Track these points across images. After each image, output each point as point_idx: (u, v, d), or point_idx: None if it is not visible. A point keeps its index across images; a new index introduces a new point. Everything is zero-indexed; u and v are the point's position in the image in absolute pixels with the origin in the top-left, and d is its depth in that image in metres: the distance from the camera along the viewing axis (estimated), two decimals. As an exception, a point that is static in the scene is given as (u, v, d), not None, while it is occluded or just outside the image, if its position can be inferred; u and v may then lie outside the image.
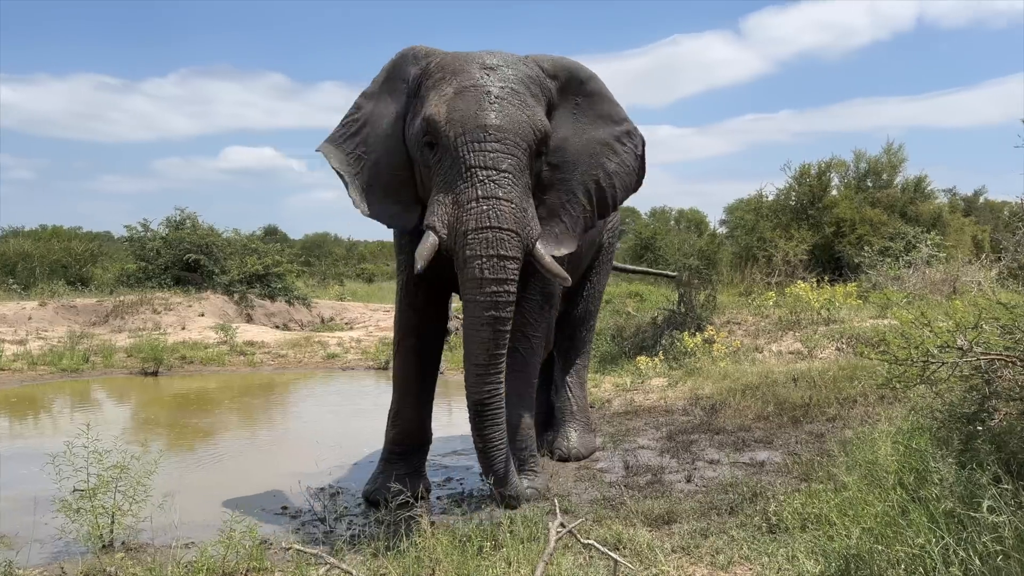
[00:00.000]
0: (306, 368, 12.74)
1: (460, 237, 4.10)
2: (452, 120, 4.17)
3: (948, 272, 13.08)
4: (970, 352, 3.90)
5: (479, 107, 4.18)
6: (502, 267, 4.07)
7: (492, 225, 4.05)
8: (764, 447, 6.25)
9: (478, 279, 4.07)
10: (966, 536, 3.24)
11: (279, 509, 5.20)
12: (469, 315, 4.14)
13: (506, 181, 4.12)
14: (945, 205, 22.06)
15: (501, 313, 4.11)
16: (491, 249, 4.04)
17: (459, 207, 4.11)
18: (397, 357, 5.36)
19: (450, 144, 4.15)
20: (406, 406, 5.29)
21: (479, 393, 4.22)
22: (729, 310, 12.20)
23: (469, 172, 4.10)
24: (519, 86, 4.39)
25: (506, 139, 4.15)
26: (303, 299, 19.23)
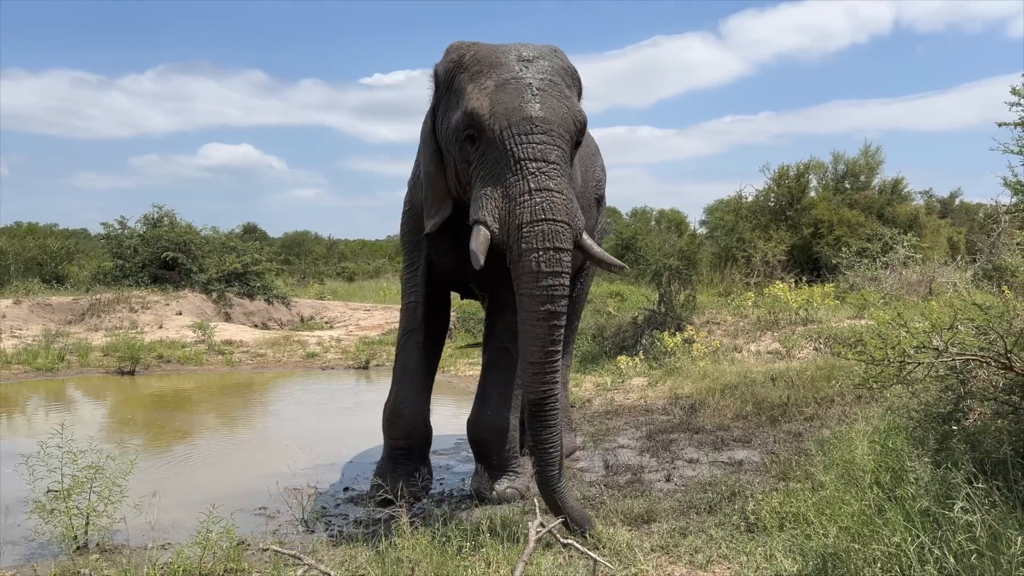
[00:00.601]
0: (285, 368, 12.66)
1: (514, 231, 4.00)
2: (496, 113, 4.12)
3: (924, 273, 13.23)
4: (946, 353, 3.94)
5: (522, 99, 4.14)
6: (558, 260, 3.98)
7: (547, 217, 3.97)
8: (743, 446, 6.29)
9: (535, 272, 3.95)
10: (941, 535, 3.28)
11: (257, 510, 5.16)
12: (525, 310, 3.99)
13: (555, 172, 4.06)
14: (921, 207, 22.31)
15: (557, 307, 3.98)
16: (547, 241, 3.95)
17: (510, 200, 4.03)
18: (403, 351, 5.34)
19: (495, 137, 4.10)
20: (410, 400, 5.24)
21: (535, 393, 4.01)
22: (709, 310, 12.27)
23: (519, 165, 4.03)
24: (557, 77, 4.37)
25: (552, 131, 4.11)
26: (282, 298, 19.12)
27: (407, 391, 5.26)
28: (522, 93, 4.16)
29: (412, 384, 5.26)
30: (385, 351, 13.48)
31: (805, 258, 18.60)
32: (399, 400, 5.27)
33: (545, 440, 4.04)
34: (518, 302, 4.04)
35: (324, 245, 40.77)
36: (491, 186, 4.10)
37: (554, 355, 4.00)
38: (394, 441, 5.26)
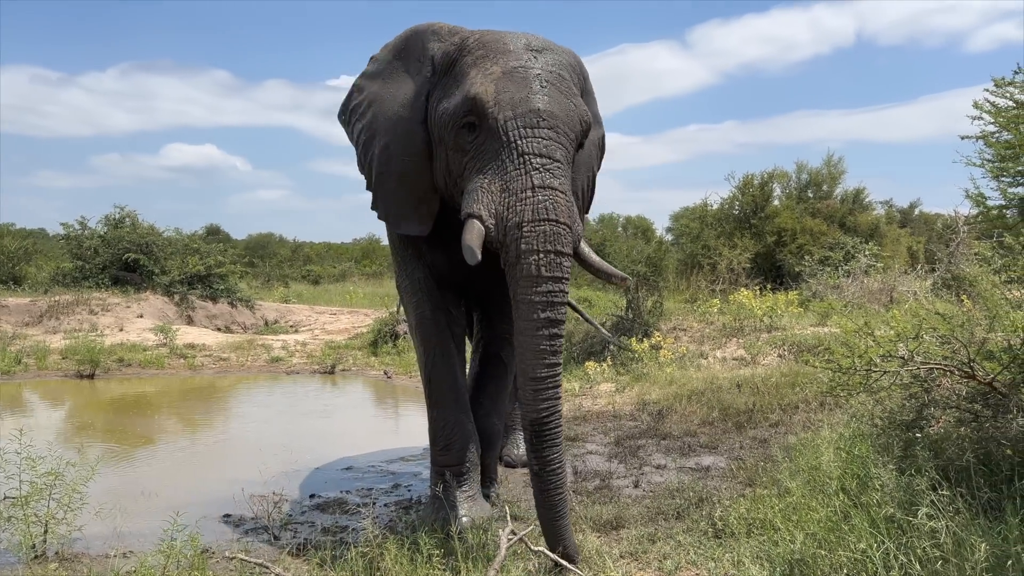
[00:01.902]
0: (249, 372, 12.49)
1: (513, 229, 3.67)
2: (501, 102, 3.81)
3: (885, 282, 13.48)
4: (911, 361, 4.01)
5: (530, 90, 3.85)
6: (559, 264, 3.66)
7: (550, 218, 3.65)
8: (709, 452, 6.34)
9: (534, 276, 3.63)
10: (906, 541, 3.33)
11: (222, 517, 5.08)
12: (523, 318, 3.66)
13: (559, 171, 3.77)
14: (882, 216, 22.69)
15: (558, 315, 3.68)
16: (548, 244, 3.64)
17: (510, 195, 3.71)
18: (434, 373, 4.79)
19: (498, 127, 3.79)
20: (460, 422, 4.74)
21: (537, 411, 3.65)
22: (675, 316, 12.37)
23: (522, 159, 3.73)
24: (565, 72, 4.10)
25: (558, 127, 3.83)
26: (246, 301, 18.86)
27: (453, 413, 4.75)
28: (530, 84, 3.87)
29: (455, 408, 4.76)
30: (352, 356, 13.38)
31: (769, 266, 18.85)
32: (448, 428, 4.73)
33: (551, 460, 3.68)
34: (515, 309, 3.72)
35: (289, 248, 40.32)
36: (487, 179, 3.79)
37: (556, 367, 3.69)
38: (453, 468, 4.70)
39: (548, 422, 3.66)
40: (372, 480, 6.13)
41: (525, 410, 3.70)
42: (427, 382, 4.85)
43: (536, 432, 3.67)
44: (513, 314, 3.74)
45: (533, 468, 3.72)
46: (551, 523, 3.73)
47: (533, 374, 3.65)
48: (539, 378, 3.64)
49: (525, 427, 3.70)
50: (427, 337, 4.82)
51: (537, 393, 3.64)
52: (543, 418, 3.65)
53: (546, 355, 3.65)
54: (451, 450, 4.71)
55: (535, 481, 3.73)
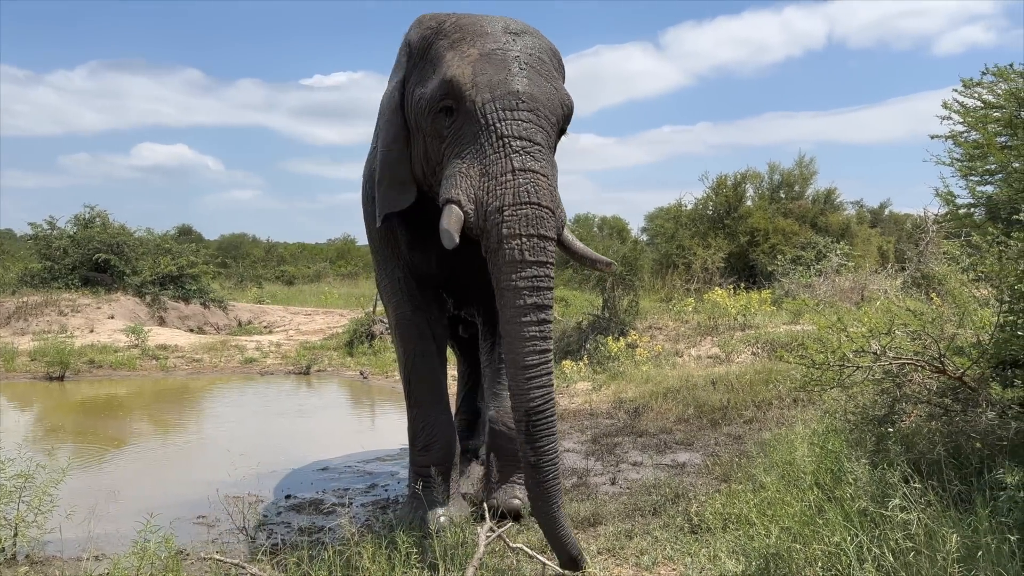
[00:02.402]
0: (222, 373, 12.37)
1: (493, 214, 3.55)
2: (479, 84, 3.70)
3: (856, 280, 13.65)
4: (883, 357, 4.07)
5: (509, 72, 3.73)
6: (543, 248, 3.54)
7: (531, 200, 3.53)
8: (685, 449, 6.38)
9: (517, 262, 3.49)
10: (879, 533, 3.38)
11: (196, 518, 5.03)
12: (508, 305, 3.53)
13: (541, 154, 3.65)
14: (853, 217, 23.00)
15: (544, 300, 3.53)
16: (531, 228, 3.51)
17: (490, 179, 3.59)
18: (415, 377, 4.74)
19: (476, 110, 3.67)
20: (440, 424, 4.70)
21: (530, 400, 3.51)
22: (651, 315, 12.45)
23: (501, 142, 3.61)
24: (544, 56, 3.98)
25: (539, 110, 3.71)
26: (219, 301, 18.67)
27: (433, 413, 4.72)
28: (509, 66, 3.76)
29: (436, 408, 4.73)
30: (327, 356, 13.30)
31: (742, 265, 19.01)
32: (429, 427, 4.70)
33: (547, 451, 3.53)
34: (499, 297, 3.58)
35: (262, 248, 39.99)
36: (466, 163, 3.68)
37: (546, 354, 3.55)
38: (434, 467, 4.64)
39: (542, 410, 3.52)
40: (348, 480, 6.10)
41: (517, 400, 3.55)
42: (407, 382, 4.79)
43: (530, 422, 3.53)
44: (497, 302, 3.61)
45: (528, 459, 3.56)
46: (550, 518, 3.57)
47: (523, 362, 3.51)
48: (529, 366, 3.51)
49: (518, 418, 3.56)
50: (407, 337, 4.74)
51: (529, 381, 3.51)
52: (537, 407, 3.52)
53: (535, 341, 3.52)
54: (431, 450, 4.67)
55: (531, 473, 3.57)
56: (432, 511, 4.41)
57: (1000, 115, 4.62)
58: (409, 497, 4.75)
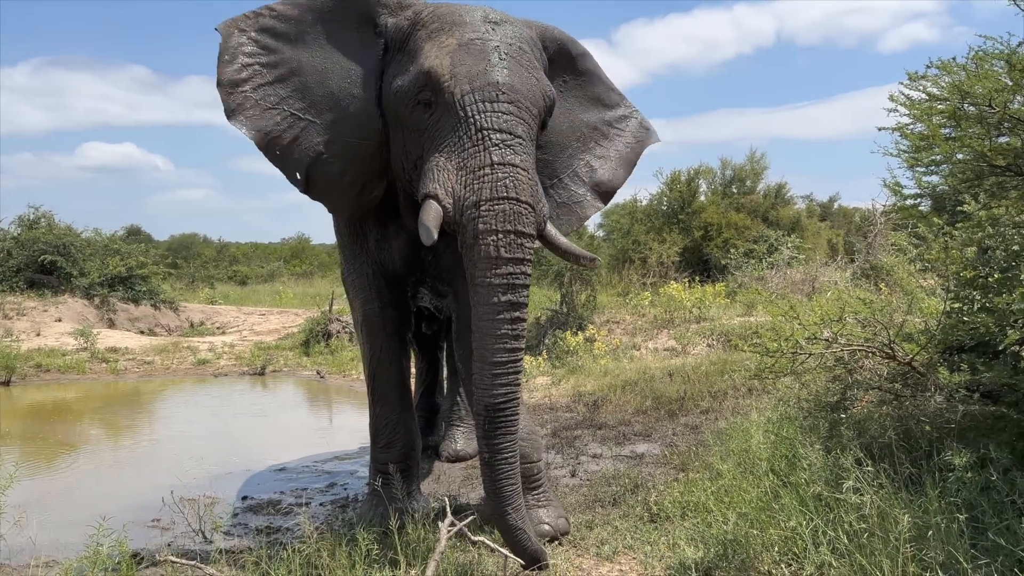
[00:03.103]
0: (175, 375, 12.13)
1: (470, 208, 3.46)
2: (457, 75, 3.59)
3: (807, 273, 13.93)
4: (835, 343, 4.16)
5: (488, 63, 3.63)
6: (519, 245, 3.46)
7: (509, 196, 3.44)
8: (644, 440, 6.45)
9: (492, 258, 3.43)
10: (833, 516, 3.45)
11: (150, 522, 4.93)
12: (481, 302, 3.47)
13: (521, 148, 3.55)
14: (803, 210, 23.42)
15: (519, 298, 3.47)
16: (508, 224, 3.43)
17: (468, 173, 3.50)
18: (378, 374, 4.68)
19: (455, 102, 3.57)
20: (404, 421, 4.66)
21: (493, 396, 3.46)
22: (608, 310, 12.54)
23: (480, 134, 3.51)
24: (526, 46, 3.87)
25: (519, 101, 3.61)
26: (170, 303, 18.29)
27: (397, 411, 4.67)
28: (488, 56, 3.65)
29: (399, 406, 4.68)
30: (282, 356, 13.12)
31: (697, 259, 19.26)
32: (392, 425, 4.66)
33: (503, 448, 3.51)
34: (473, 293, 3.52)
35: (214, 248, 39.31)
36: (444, 157, 3.58)
37: (516, 353, 3.51)
38: (394, 464, 4.60)
39: (503, 408, 3.49)
40: (307, 480, 6.03)
41: (480, 394, 3.50)
42: (371, 379, 4.72)
43: (490, 418, 3.49)
44: (471, 298, 3.55)
45: (484, 456, 3.54)
46: (504, 516, 3.55)
47: (492, 359, 3.46)
48: (498, 363, 3.46)
49: (478, 412, 3.51)
50: (374, 334, 4.64)
51: (495, 378, 3.47)
52: (498, 403, 3.48)
53: (507, 339, 3.47)
54: (393, 448, 4.63)
55: (485, 471, 3.55)
56: (392, 507, 4.38)
57: (944, 107, 4.73)
58: (369, 494, 4.71)
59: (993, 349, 3.73)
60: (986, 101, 4.39)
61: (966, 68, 4.75)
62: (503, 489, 3.53)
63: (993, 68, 4.57)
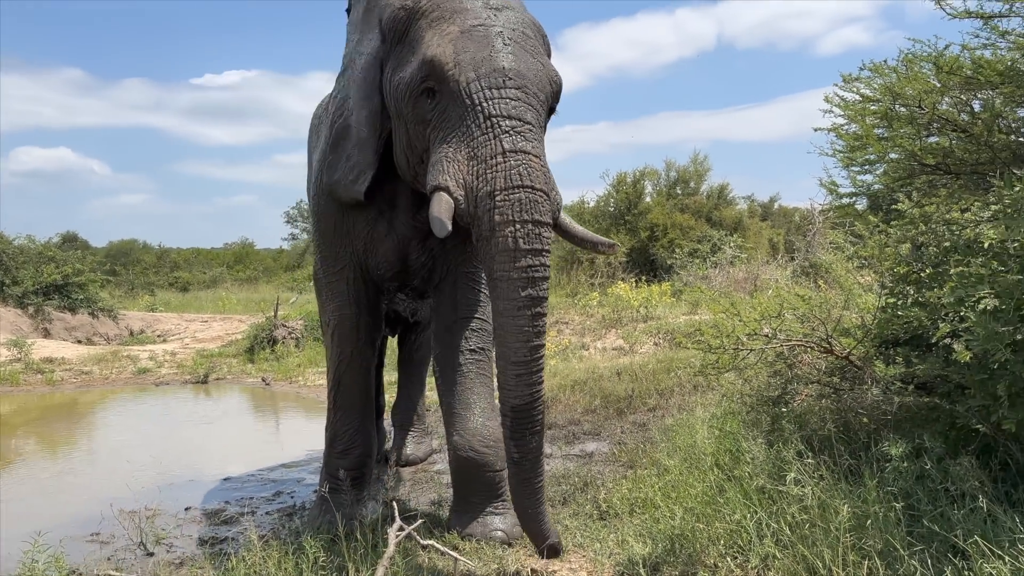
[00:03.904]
0: (114, 385, 11.80)
1: (485, 199, 3.30)
2: (461, 62, 3.45)
3: (749, 271, 14.23)
4: (775, 339, 4.25)
5: (493, 49, 3.47)
6: (537, 235, 3.29)
7: (524, 184, 3.28)
8: (593, 439, 6.49)
9: (511, 250, 3.25)
10: (776, 509, 3.52)
11: (89, 536, 4.78)
12: (501, 298, 3.31)
13: (532, 134, 3.40)
14: (745, 211, 23.92)
15: (539, 291, 3.31)
16: (525, 213, 3.26)
17: (479, 163, 3.35)
18: (344, 381, 4.54)
19: (460, 90, 3.42)
20: (363, 431, 4.58)
21: (520, 397, 3.33)
22: (557, 310, 12.61)
23: (489, 122, 3.36)
24: (529, 31, 3.71)
25: (527, 87, 3.46)
26: (109, 311, 17.81)
27: (358, 419, 4.56)
28: (492, 42, 3.51)
29: (362, 414, 4.57)
30: (226, 364, 12.88)
31: (643, 259, 19.51)
32: (351, 433, 4.55)
33: (533, 450, 3.41)
34: (492, 289, 3.39)
35: (154, 254, 38.44)
36: (451, 147, 3.44)
37: (539, 350, 3.36)
38: (347, 471, 4.52)
39: (531, 409, 3.36)
40: (252, 489, 5.92)
41: (504, 395, 3.37)
42: (335, 383, 4.57)
43: (519, 419, 3.36)
44: (490, 294, 3.43)
45: (512, 456, 3.42)
46: (530, 513, 3.52)
47: (515, 358, 3.31)
48: (520, 362, 3.31)
49: (504, 413, 3.40)
50: (346, 338, 4.48)
51: (520, 378, 3.32)
52: (525, 404, 3.34)
53: (529, 337, 3.30)
54: (348, 456, 4.55)
55: (513, 470, 3.45)
56: (340, 513, 4.33)
57: (877, 108, 4.88)
58: (317, 501, 4.64)
59: (926, 342, 3.86)
60: (916, 102, 4.54)
61: (897, 70, 4.91)
62: (531, 487, 3.46)
63: (922, 70, 4.73)
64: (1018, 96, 4.28)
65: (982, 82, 4.24)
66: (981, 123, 4.27)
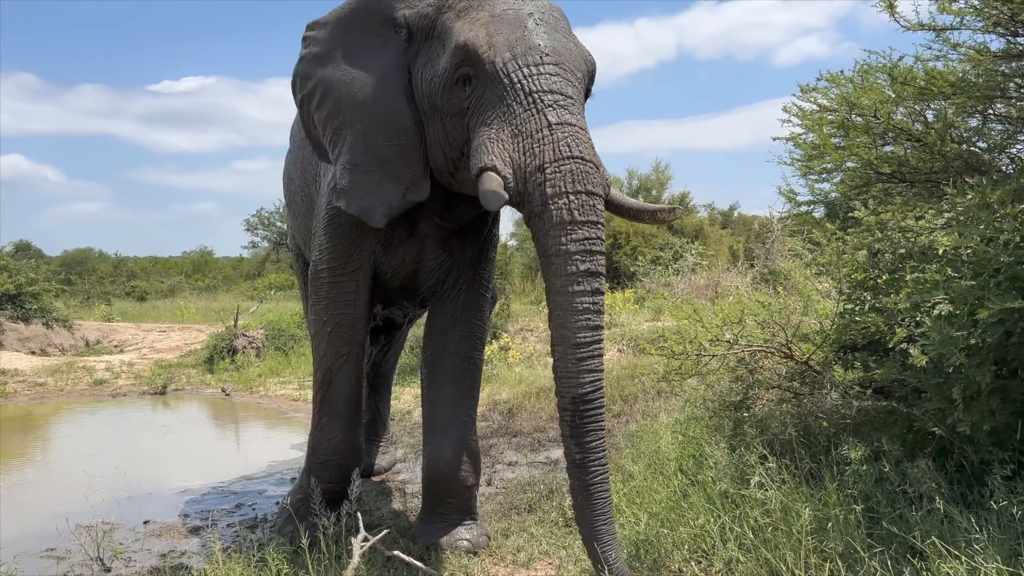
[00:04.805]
0: (69, 397, 11.52)
1: (535, 173, 3.16)
2: (496, 44, 3.35)
3: (710, 278, 14.39)
4: (736, 345, 4.30)
5: (525, 29, 3.40)
6: (592, 207, 3.14)
7: (574, 155, 3.16)
8: (558, 446, 6.49)
9: (566, 223, 3.10)
10: (739, 513, 3.57)
11: (44, 552, 4.66)
12: (558, 274, 3.13)
13: (575, 108, 3.30)
14: (706, 219, 24.26)
15: (597, 266, 3.15)
16: (577, 184, 3.12)
17: (525, 138, 3.22)
18: (335, 386, 4.30)
19: (497, 71, 3.32)
20: (349, 441, 4.37)
21: (579, 386, 3.10)
22: (522, 318, 12.64)
23: (531, 98, 3.25)
24: (558, 14, 3.66)
25: (564, 63, 3.37)
26: (64, 321, 17.40)
27: (343, 428, 4.33)
28: (524, 23, 3.43)
29: (349, 423, 4.35)
30: (185, 374, 12.66)
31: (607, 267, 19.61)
32: (336, 442, 4.33)
33: (596, 447, 3.15)
34: (547, 266, 3.20)
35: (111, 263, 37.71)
36: (494, 128, 3.31)
37: (599, 331, 3.15)
38: (328, 484, 4.26)
39: (593, 399, 3.13)
40: (212, 501, 5.82)
41: (565, 385, 3.14)
42: (324, 387, 4.32)
43: (578, 412, 3.12)
44: (544, 273, 3.24)
45: (574, 458, 3.16)
46: (595, 530, 3.19)
47: (574, 339, 3.10)
48: (582, 343, 3.10)
49: (564, 407, 3.17)
50: (341, 340, 4.23)
51: (580, 363, 3.11)
52: (587, 393, 3.11)
53: (589, 315, 3.12)
54: (329, 467, 4.33)
55: (576, 474, 3.18)
56: (303, 524, 4.26)
57: (833, 118, 4.99)
58: (280, 511, 4.57)
59: (883, 347, 3.94)
60: (872, 112, 4.64)
61: (853, 81, 5.02)
62: (595, 496, 3.18)
63: (877, 81, 4.84)
64: (969, 107, 4.40)
65: (935, 93, 4.35)
66: (934, 133, 4.38)
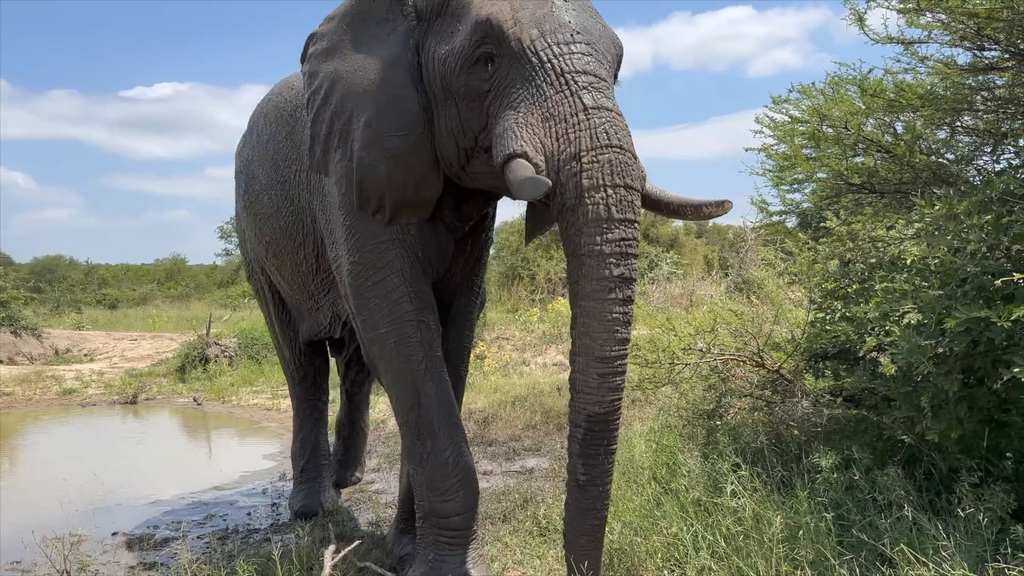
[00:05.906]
0: (38, 406, 11.34)
1: (570, 162, 2.82)
2: (521, 20, 3.03)
3: (685, 287, 14.51)
4: (709, 353, 4.33)
5: (553, 5, 3.09)
6: (630, 203, 2.82)
7: (612, 143, 2.83)
8: (533, 455, 6.50)
9: (603, 219, 2.77)
10: (712, 521, 3.58)
11: (8, 565, 4.57)
12: (590, 276, 2.80)
13: (610, 92, 3.00)
14: (681, 228, 24.42)
15: (630, 272, 2.82)
16: (616, 176, 2.79)
17: (558, 122, 2.88)
18: (426, 390, 3.61)
19: (524, 48, 2.98)
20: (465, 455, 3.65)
21: (599, 403, 2.82)
22: (498, 326, 12.65)
23: (563, 79, 2.93)
24: None
25: (595, 43, 3.05)
26: (32, 329, 17.14)
27: (451, 445, 3.59)
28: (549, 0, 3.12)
29: (454, 434, 3.62)
30: (156, 383, 12.50)
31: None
32: (451, 461, 3.57)
33: (604, 472, 2.89)
34: (577, 267, 2.86)
35: (81, 271, 37.19)
36: (523, 112, 2.96)
37: (626, 345, 2.86)
38: (456, 518, 3.54)
39: (610, 419, 2.85)
40: (183, 512, 5.75)
41: (583, 400, 2.85)
42: (415, 404, 3.60)
43: (592, 431, 2.85)
44: (573, 274, 2.91)
45: (578, 478, 2.90)
46: (584, 550, 2.96)
47: (600, 352, 2.80)
48: (607, 358, 2.80)
49: (577, 423, 2.88)
50: (411, 343, 3.60)
51: (602, 379, 2.81)
52: (605, 413, 2.83)
53: (618, 327, 2.81)
54: (457, 497, 3.54)
55: (576, 495, 2.92)
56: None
57: (805, 129, 5.05)
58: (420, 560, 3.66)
59: (853, 356, 3.98)
60: (843, 123, 4.71)
61: (824, 93, 5.09)
62: (591, 523, 2.95)
63: (848, 93, 4.91)
64: (937, 119, 4.48)
65: (904, 105, 4.42)
66: (903, 144, 4.45)
